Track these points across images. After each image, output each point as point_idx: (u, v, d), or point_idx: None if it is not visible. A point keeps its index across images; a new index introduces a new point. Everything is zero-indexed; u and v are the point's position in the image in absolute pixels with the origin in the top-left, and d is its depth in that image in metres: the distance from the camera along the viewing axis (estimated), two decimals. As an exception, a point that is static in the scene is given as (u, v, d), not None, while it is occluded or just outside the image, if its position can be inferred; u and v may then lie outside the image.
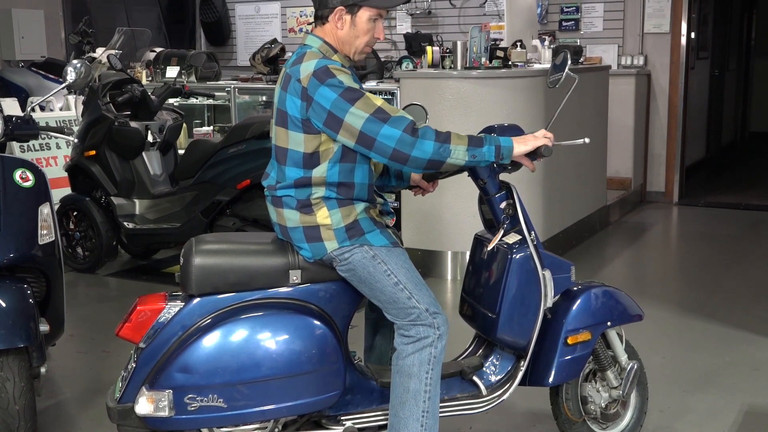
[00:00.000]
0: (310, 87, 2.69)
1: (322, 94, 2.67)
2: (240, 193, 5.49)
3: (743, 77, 13.62)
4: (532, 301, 3.00)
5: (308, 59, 2.74)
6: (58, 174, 6.74)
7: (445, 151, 2.68)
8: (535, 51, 6.90)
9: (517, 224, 3.01)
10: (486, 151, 2.73)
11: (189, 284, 2.78)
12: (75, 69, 3.76)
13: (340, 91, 2.67)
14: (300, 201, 2.81)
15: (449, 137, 2.70)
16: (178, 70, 8.00)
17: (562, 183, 6.44)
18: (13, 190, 3.24)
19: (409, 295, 2.79)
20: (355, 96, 2.67)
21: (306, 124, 2.74)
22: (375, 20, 2.82)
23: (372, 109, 2.66)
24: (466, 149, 2.70)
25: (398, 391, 2.80)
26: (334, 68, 2.71)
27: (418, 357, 2.78)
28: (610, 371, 3.22)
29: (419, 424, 2.78)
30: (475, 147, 2.72)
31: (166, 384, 2.70)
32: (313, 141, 2.75)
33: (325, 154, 2.76)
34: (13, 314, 3.00)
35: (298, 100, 2.73)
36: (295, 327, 2.78)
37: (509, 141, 2.78)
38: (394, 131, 2.64)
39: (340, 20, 2.79)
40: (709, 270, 6.21)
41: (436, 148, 2.67)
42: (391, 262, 2.81)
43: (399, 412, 2.80)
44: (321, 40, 2.83)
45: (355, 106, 2.66)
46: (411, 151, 2.66)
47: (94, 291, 5.78)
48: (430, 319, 2.79)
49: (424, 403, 2.78)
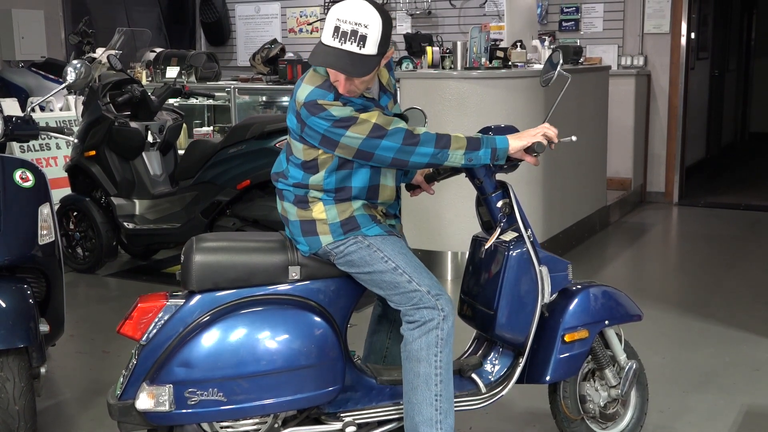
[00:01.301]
0: (302, 113, 2.72)
1: (314, 122, 2.70)
2: (240, 193, 5.49)
3: (743, 77, 13.62)
4: (529, 297, 3.01)
5: (307, 83, 2.74)
6: (58, 174, 6.74)
7: (443, 156, 2.74)
8: (535, 51, 6.90)
9: (514, 222, 3.03)
10: (482, 154, 2.78)
11: (190, 281, 2.81)
12: (75, 69, 3.76)
13: (332, 121, 2.68)
14: (297, 197, 2.86)
15: (448, 142, 2.73)
16: (178, 70, 8.00)
17: (562, 183, 6.44)
18: (13, 190, 3.24)
19: (408, 279, 2.80)
20: (348, 123, 2.68)
21: (303, 140, 2.78)
22: None
23: (367, 130, 2.67)
24: (463, 153, 2.75)
25: (409, 377, 2.80)
26: (325, 103, 2.69)
27: (425, 340, 2.78)
28: (609, 370, 3.23)
29: (433, 408, 2.78)
30: (472, 150, 2.76)
31: (167, 379, 2.72)
32: (311, 152, 2.79)
33: (323, 162, 2.80)
34: (13, 314, 3.01)
35: (294, 119, 2.78)
36: (295, 322, 2.80)
37: (505, 141, 2.81)
38: (392, 144, 2.69)
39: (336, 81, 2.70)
40: (709, 270, 6.21)
41: (434, 154, 2.72)
42: (387, 249, 2.83)
43: (412, 398, 2.80)
44: None
45: (349, 131, 2.68)
46: (410, 157, 2.72)
47: (94, 291, 5.78)
48: (432, 301, 2.79)
49: (436, 387, 2.78)
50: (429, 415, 2.78)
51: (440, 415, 2.79)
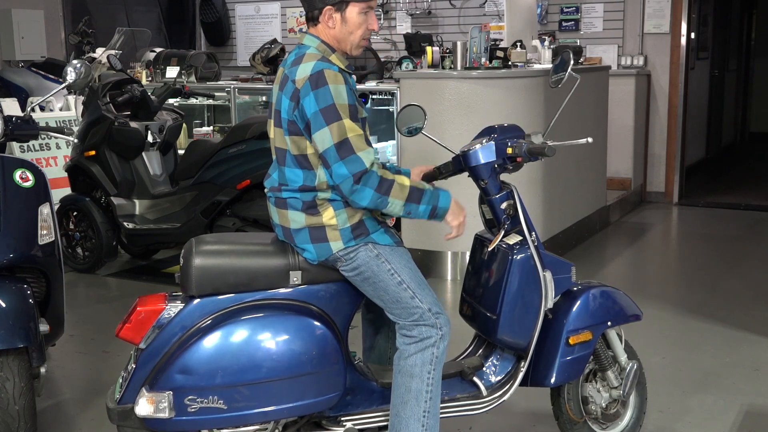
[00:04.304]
0: (302, 90, 2.70)
1: (308, 101, 2.69)
2: (240, 193, 5.49)
3: (743, 77, 13.61)
4: (532, 302, 2.99)
5: (307, 60, 2.74)
6: (58, 174, 6.74)
7: (382, 203, 2.72)
8: (534, 51, 6.90)
9: (518, 225, 3.01)
10: (422, 210, 2.78)
11: (189, 285, 2.78)
12: (75, 69, 3.76)
13: (324, 105, 2.67)
14: (306, 203, 2.81)
15: (390, 189, 2.71)
16: (178, 70, 8.00)
17: (562, 183, 6.44)
18: (13, 190, 3.23)
19: (412, 295, 2.79)
20: (333, 118, 2.66)
21: (292, 126, 2.75)
22: (366, 12, 2.82)
23: (339, 138, 2.66)
24: (402, 204, 2.74)
25: (400, 391, 2.80)
26: (330, 73, 2.70)
27: (420, 357, 2.78)
28: (611, 371, 3.22)
29: (420, 424, 2.78)
30: (412, 203, 2.75)
31: (167, 385, 2.70)
32: (300, 143, 2.77)
33: (313, 158, 2.77)
34: (13, 314, 3.00)
35: (287, 100, 2.75)
36: (296, 328, 2.77)
37: (447, 202, 2.82)
38: (344, 172, 2.67)
39: (330, 19, 2.80)
40: (709, 270, 6.21)
41: (374, 198, 2.70)
42: (394, 261, 2.82)
43: (400, 412, 2.80)
44: (318, 39, 2.83)
45: (328, 127, 2.67)
46: (351, 195, 2.70)
47: (94, 291, 5.78)
48: (432, 320, 2.79)
49: (425, 403, 2.79)
50: (415, 430, 2.78)
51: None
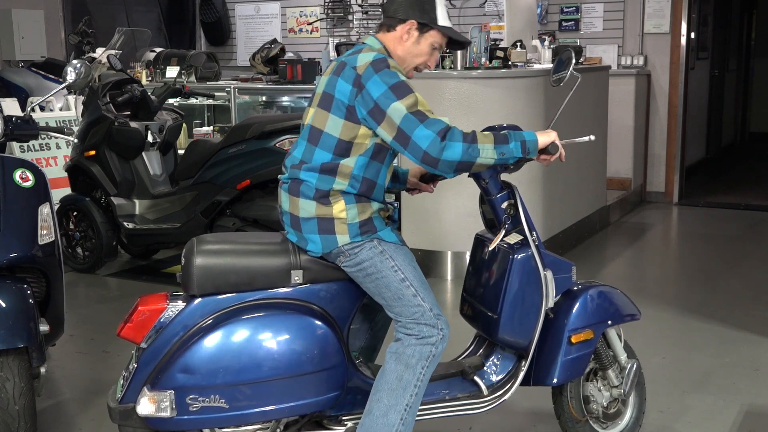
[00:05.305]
0: (364, 74, 2.71)
1: (374, 82, 2.69)
2: (240, 193, 5.49)
3: (743, 77, 13.62)
4: (533, 302, 2.99)
5: (367, 51, 2.78)
6: (58, 174, 6.75)
7: (474, 152, 2.66)
8: (535, 51, 6.90)
9: (519, 224, 3.01)
10: (513, 147, 2.72)
11: (190, 284, 2.79)
12: (75, 69, 3.76)
13: (391, 83, 2.69)
14: (319, 191, 2.79)
15: (475, 137, 2.68)
16: (178, 70, 8.00)
17: (562, 183, 6.44)
18: (13, 190, 3.23)
19: (414, 293, 2.79)
20: (403, 92, 2.68)
21: (350, 111, 2.74)
22: (436, 48, 2.88)
23: (413, 108, 2.67)
24: (493, 147, 2.69)
25: (389, 378, 2.77)
26: (391, 61, 2.75)
27: (419, 350, 2.77)
28: (611, 370, 3.22)
29: (399, 416, 2.75)
30: (502, 144, 2.70)
31: (168, 384, 2.70)
32: (351, 130, 2.76)
33: (357, 147, 2.77)
34: (13, 314, 3.00)
35: (348, 85, 2.74)
36: (297, 327, 2.78)
37: (533, 134, 2.77)
38: (428, 132, 2.64)
39: (408, 33, 2.84)
40: (709, 270, 6.21)
41: (465, 149, 2.64)
42: (398, 259, 2.82)
43: (383, 398, 2.76)
44: (381, 44, 2.86)
45: (400, 101, 2.67)
46: (441, 154, 2.64)
47: (94, 291, 5.78)
48: (433, 320, 2.79)
49: (410, 398, 2.76)
50: (393, 422, 2.75)
51: (402, 426, 2.76)
